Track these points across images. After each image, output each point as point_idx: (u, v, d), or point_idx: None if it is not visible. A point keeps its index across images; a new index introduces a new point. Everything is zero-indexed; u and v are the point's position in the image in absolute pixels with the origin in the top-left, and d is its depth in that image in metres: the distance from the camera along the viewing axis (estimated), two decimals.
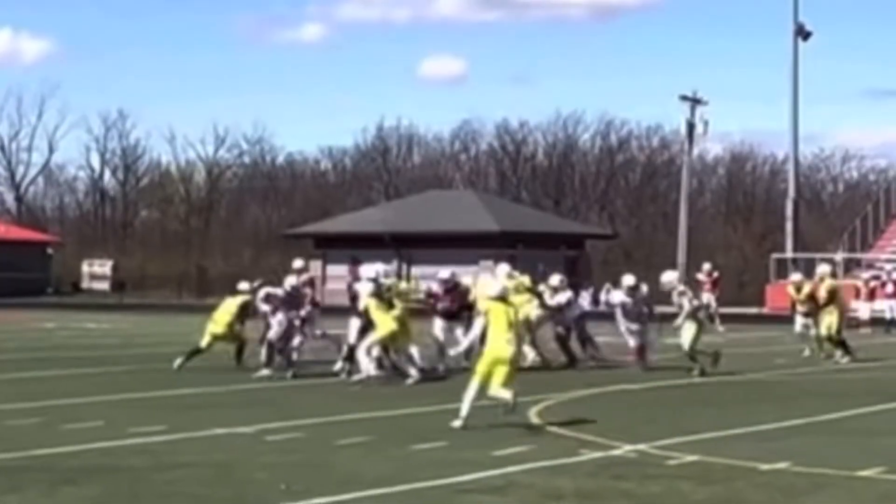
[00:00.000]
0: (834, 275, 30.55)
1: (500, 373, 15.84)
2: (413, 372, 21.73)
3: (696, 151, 71.83)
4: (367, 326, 22.12)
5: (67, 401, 18.64)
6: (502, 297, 16.64)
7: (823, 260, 29.43)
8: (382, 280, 22.59)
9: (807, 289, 28.15)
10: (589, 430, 15.37)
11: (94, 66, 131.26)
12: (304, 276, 25.66)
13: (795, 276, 29.28)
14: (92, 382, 21.92)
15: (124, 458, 13.21)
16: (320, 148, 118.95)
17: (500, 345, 15.95)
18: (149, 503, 10.81)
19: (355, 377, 21.70)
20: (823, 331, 27.47)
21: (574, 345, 25.38)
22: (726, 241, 79.15)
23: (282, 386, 21.38)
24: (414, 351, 22.31)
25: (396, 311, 21.99)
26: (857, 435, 15.86)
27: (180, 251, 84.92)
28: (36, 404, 17.93)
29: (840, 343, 27.27)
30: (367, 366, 21.61)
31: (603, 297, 26.22)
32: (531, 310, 24.29)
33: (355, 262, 30.61)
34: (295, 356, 22.94)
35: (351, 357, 22.56)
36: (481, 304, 18.02)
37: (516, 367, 16.24)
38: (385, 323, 21.72)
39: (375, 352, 21.80)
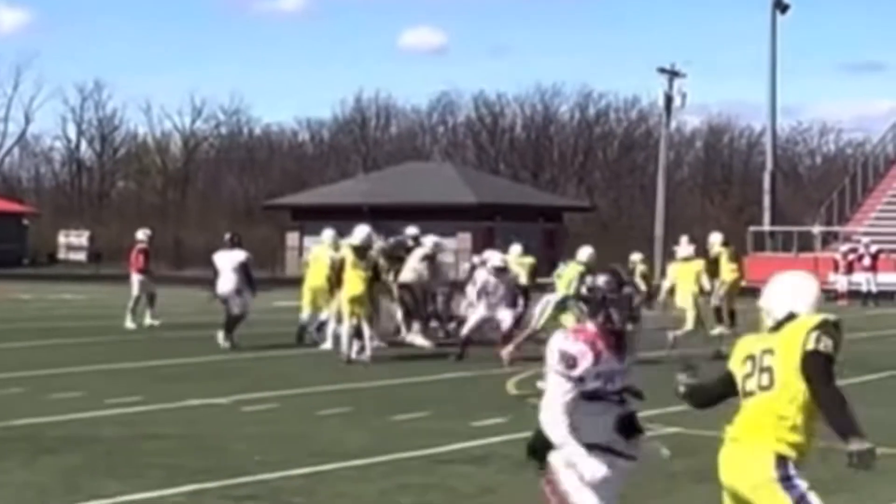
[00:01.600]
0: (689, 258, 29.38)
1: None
2: (328, 345, 21.44)
3: (673, 124, 71.92)
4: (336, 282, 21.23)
5: (46, 371, 18.61)
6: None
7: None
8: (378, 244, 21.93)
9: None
10: None
11: (71, 37, 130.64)
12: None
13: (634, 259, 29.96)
14: (70, 353, 21.88)
15: (103, 429, 13.20)
16: (298, 119, 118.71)
17: None
18: (126, 473, 10.80)
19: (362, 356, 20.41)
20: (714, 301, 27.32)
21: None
22: (704, 213, 79.32)
23: (256, 357, 21.36)
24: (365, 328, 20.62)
25: (367, 275, 20.68)
26: None
27: (157, 222, 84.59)
28: (15, 375, 17.88)
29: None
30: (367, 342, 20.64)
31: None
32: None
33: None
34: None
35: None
36: None
37: None
38: (354, 284, 20.53)
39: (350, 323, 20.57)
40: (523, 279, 24.65)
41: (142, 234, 28.78)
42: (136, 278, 28.03)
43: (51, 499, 9.73)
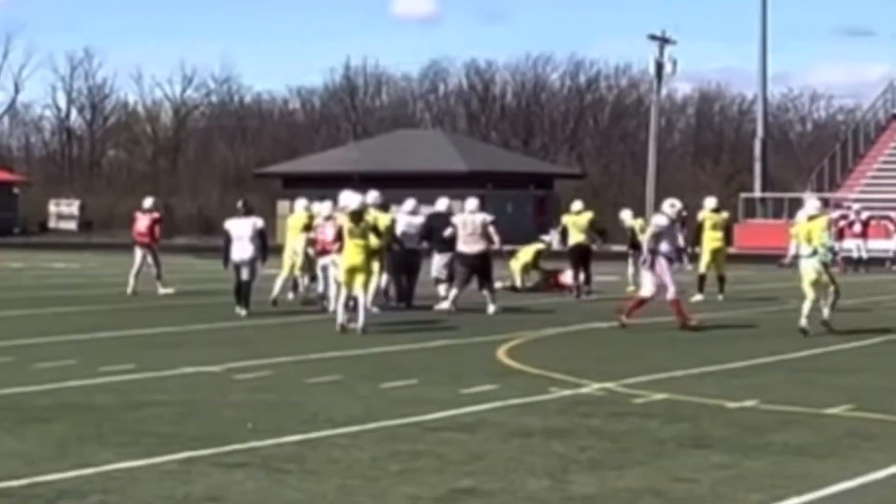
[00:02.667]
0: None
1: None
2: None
3: (664, 91, 71.88)
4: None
5: (37, 340, 18.61)
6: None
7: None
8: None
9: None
10: (557, 369, 15.42)
11: (61, 5, 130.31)
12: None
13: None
14: (61, 322, 21.89)
15: (93, 397, 13.21)
16: (289, 87, 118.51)
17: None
18: (116, 441, 10.80)
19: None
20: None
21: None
22: (695, 180, 79.25)
23: (246, 325, 21.38)
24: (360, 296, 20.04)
25: (365, 243, 20.19)
26: (823, 373, 15.96)
27: (148, 191, 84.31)
28: (5, 343, 17.88)
29: None
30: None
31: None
32: None
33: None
34: None
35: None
36: None
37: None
38: (352, 253, 20.04)
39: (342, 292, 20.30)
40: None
41: (150, 203, 28.45)
42: (155, 248, 27.92)
43: (37, 467, 9.72)
